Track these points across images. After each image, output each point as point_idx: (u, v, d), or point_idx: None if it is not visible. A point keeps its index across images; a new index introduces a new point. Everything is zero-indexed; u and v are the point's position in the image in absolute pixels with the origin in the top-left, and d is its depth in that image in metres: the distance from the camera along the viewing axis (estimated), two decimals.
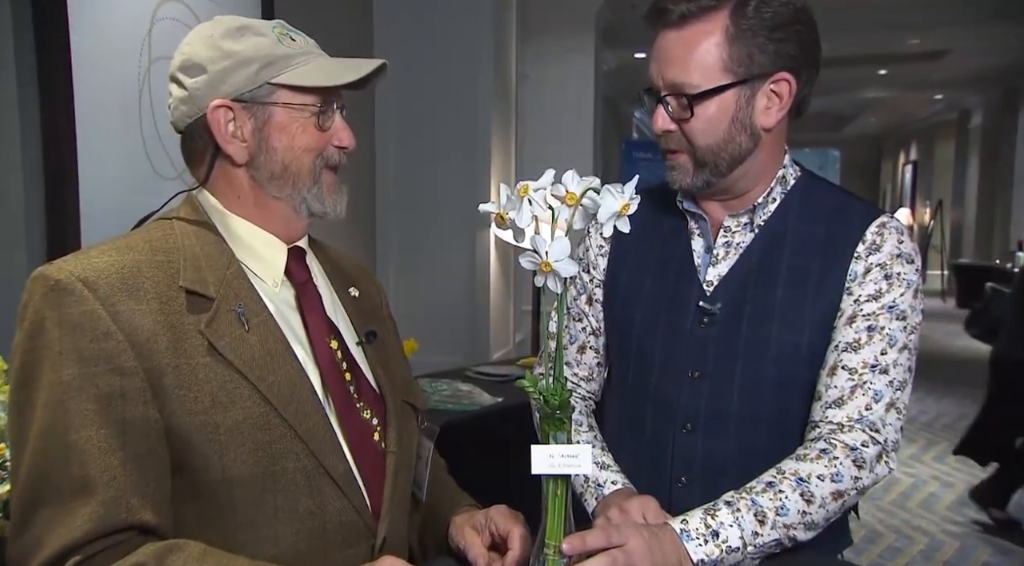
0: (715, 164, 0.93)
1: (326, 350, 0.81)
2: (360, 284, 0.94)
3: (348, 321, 0.88)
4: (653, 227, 1.04)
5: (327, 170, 0.81)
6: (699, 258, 1.00)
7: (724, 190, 0.97)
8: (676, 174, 0.95)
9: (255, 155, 0.79)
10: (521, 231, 0.69)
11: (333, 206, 0.82)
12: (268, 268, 0.81)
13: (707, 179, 0.94)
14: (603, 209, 0.67)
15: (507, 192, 0.68)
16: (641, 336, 1.01)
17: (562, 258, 0.67)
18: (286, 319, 0.80)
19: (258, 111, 0.78)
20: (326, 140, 0.80)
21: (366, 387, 0.84)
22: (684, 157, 0.94)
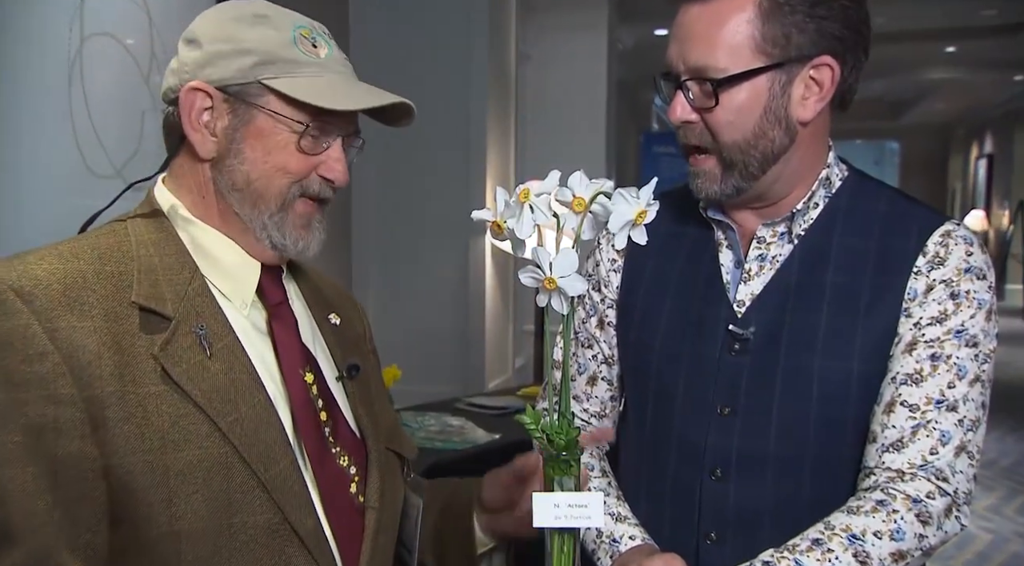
0: (744, 164, 0.94)
1: (300, 384, 0.81)
2: (342, 311, 0.95)
3: (327, 352, 0.89)
4: (674, 238, 1.06)
5: (303, 200, 0.82)
6: (728, 274, 1.01)
7: (757, 196, 0.99)
8: (701, 182, 0.96)
9: (223, 155, 0.80)
10: (521, 242, 0.71)
11: (295, 243, 0.81)
12: (237, 286, 0.81)
13: (737, 184, 0.95)
14: (615, 217, 0.68)
15: (505, 197, 0.70)
16: (661, 366, 1.02)
17: (569, 274, 0.68)
18: (255, 346, 0.80)
19: (240, 109, 0.79)
20: (309, 166, 0.81)
21: (344, 430, 0.85)
22: (711, 162, 0.95)
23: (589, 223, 0.70)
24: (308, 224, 0.82)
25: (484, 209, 0.71)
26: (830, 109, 0.96)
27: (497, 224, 0.70)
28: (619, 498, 1.03)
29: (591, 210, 0.70)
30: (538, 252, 0.68)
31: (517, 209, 0.69)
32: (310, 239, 0.83)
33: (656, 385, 1.02)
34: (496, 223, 0.70)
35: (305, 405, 0.81)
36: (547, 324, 0.74)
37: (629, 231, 0.70)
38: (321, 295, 0.93)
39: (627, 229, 0.69)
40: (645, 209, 0.69)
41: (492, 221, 0.70)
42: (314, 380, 0.82)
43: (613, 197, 0.69)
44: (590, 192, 0.69)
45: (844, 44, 0.92)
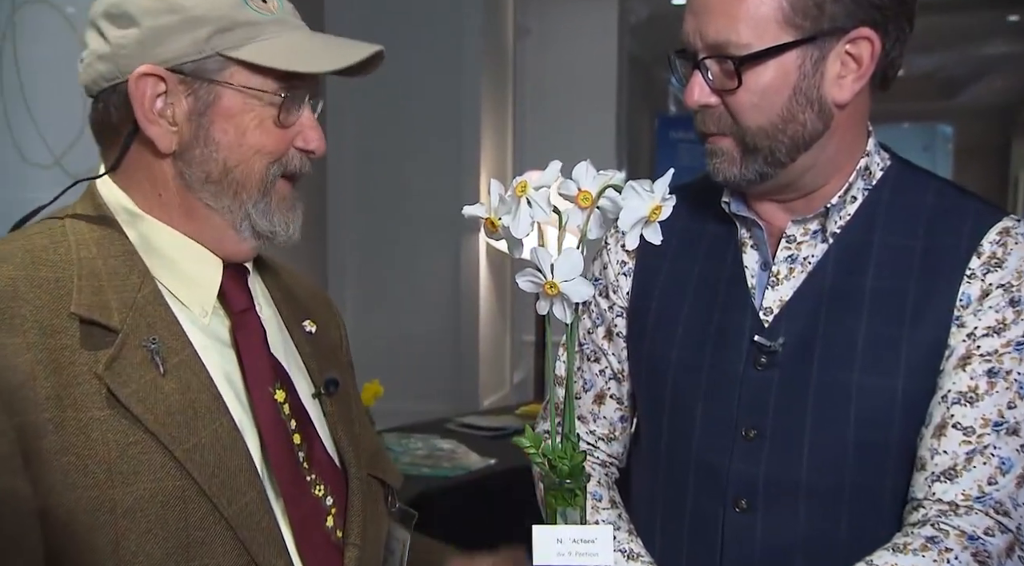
0: (770, 151, 0.94)
1: (269, 403, 0.81)
2: (317, 316, 0.95)
3: (301, 365, 0.89)
4: (692, 237, 1.06)
5: (283, 180, 0.82)
6: (754, 277, 1.02)
7: (784, 186, 0.99)
8: (718, 162, 0.97)
9: (188, 146, 0.79)
10: (518, 242, 0.71)
11: (285, 226, 0.83)
12: (195, 290, 0.81)
13: (760, 169, 0.95)
14: (626, 213, 0.68)
15: (500, 190, 0.70)
16: (677, 382, 1.02)
17: (572, 277, 0.68)
18: (217, 360, 0.80)
19: (201, 89, 0.78)
20: (287, 141, 0.81)
21: (321, 455, 0.85)
22: (728, 141, 0.95)
23: (596, 220, 0.70)
24: (292, 205, 0.83)
25: (477, 204, 0.71)
26: (870, 89, 0.96)
27: (491, 221, 0.70)
28: (631, 532, 1.03)
29: (598, 205, 0.70)
30: (538, 253, 0.68)
31: (514, 204, 0.69)
32: (297, 220, 0.84)
33: (672, 404, 1.02)
34: (490, 220, 0.70)
35: (275, 427, 0.80)
36: (549, 334, 0.74)
37: (641, 229, 0.70)
38: (293, 298, 0.93)
39: (639, 227, 0.70)
40: (660, 204, 0.69)
41: (486, 218, 0.70)
42: (286, 398, 0.82)
43: (624, 190, 0.69)
44: (597, 185, 0.70)
45: (885, 14, 0.92)
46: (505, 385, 4.08)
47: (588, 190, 0.69)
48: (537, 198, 0.69)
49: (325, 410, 0.88)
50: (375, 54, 0.81)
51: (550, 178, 0.70)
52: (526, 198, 0.69)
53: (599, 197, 0.70)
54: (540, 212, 0.69)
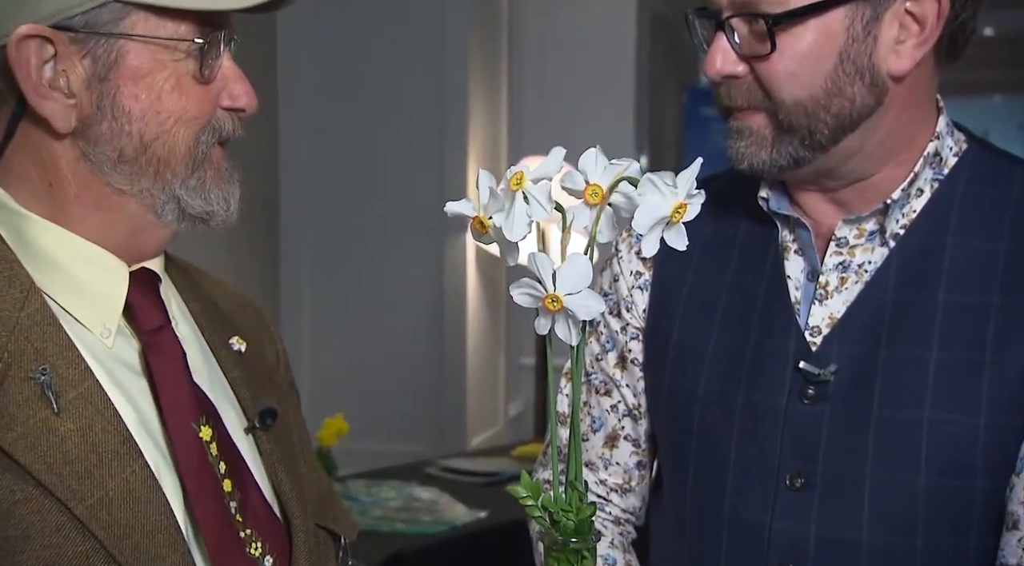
0: (809, 131, 0.95)
1: (192, 443, 0.81)
2: (246, 330, 0.95)
3: (230, 393, 0.90)
4: (723, 241, 1.06)
5: (216, 148, 0.83)
6: (798, 290, 1.02)
7: (823, 173, 0.99)
8: (744, 144, 0.97)
9: (91, 121, 0.79)
10: (513, 246, 0.71)
11: (224, 202, 0.83)
12: (95, 306, 0.81)
13: (795, 153, 0.96)
14: (643, 212, 0.68)
15: (491, 182, 0.70)
16: (706, 420, 1.02)
17: (579, 289, 0.68)
18: (125, 392, 0.80)
19: (99, 48, 0.78)
20: (212, 100, 0.82)
21: (257, 504, 0.85)
22: (760, 118, 0.96)
23: (607, 220, 0.71)
24: (230, 176, 0.84)
25: (463, 199, 0.72)
26: (935, 58, 0.96)
27: (480, 220, 0.70)
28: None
29: (610, 202, 0.70)
30: (536, 259, 0.68)
31: (507, 200, 0.69)
32: (236, 194, 0.85)
33: (699, 447, 1.03)
34: (479, 219, 0.70)
35: (201, 473, 0.81)
36: (550, 358, 0.74)
37: (662, 232, 0.70)
38: (216, 310, 0.94)
39: (659, 230, 0.69)
40: (685, 202, 0.69)
41: (473, 216, 0.70)
42: (213, 435, 0.83)
43: (641, 184, 0.69)
44: (609, 177, 0.70)
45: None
46: (498, 420, 4.08)
47: (598, 183, 0.69)
48: (536, 193, 0.69)
49: (261, 447, 0.89)
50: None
51: (552, 168, 0.70)
52: (522, 192, 0.69)
53: (611, 192, 0.70)
54: (539, 210, 0.69)
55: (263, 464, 0.88)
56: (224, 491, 0.82)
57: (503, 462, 2.70)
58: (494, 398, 4.06)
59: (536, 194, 0.69)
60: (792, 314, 1.01)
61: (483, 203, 0.70)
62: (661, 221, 0.69)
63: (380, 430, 3.47)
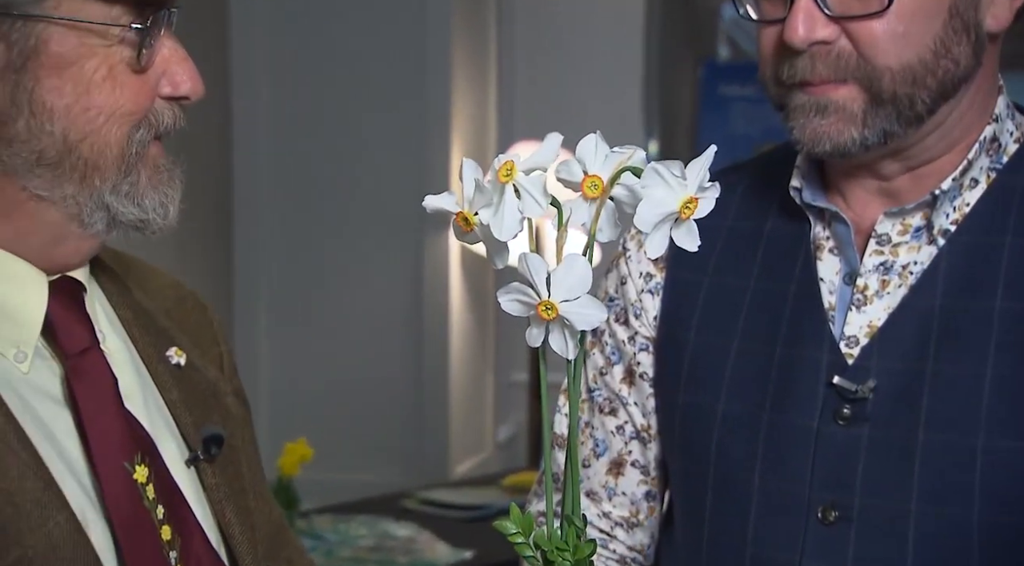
0: (910, 100, 0.95)
1: (125, 487, 0.80)
2: (187, 334, 0.95)
3: (168, 418, 0.89)
4: (746, 239, 1.07)
5: (154, 144, 0.82)
6: (833, 294, 1.03)
7: (900, 152, 0.99)
8: (827, 124, 0.96)
9: (3, 119, 0.78)
10: (503, 246, 0.71)
11: (161, 208, 0.82)
12: (8, 326, 0.80)
13: (888, 127, 0.96)
14: (647, 208, 0.69)
15: (476, 173, 0.71)
16: (726, 444, 1.03)
17: (577, 295, 0.69)
18: (46, 428, 0.79)
19: (14, 32, 0.77)
20: (150, 90, 0.81)
21: (200, 551, 0.84)
22: (850, 89, 0.96)
23: (608, 217, 0.71)
24: (170, 177, 0.83)
25: (444, 193, 0.72)
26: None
27: (464, 217, 0.70)
28: None
29: (613, 196, 0.71)
30: (528, 261, 0.69)
31: (496, 194, 0.70)
32: (176, 197, 0.84)
33: (718, 475, 1.03)
34: (463, 216, 0.71)
35: (135, 521, 0.80)
36: (544, 374, 0.74)
37: (671, 230, 0.70)
38: (148, 316, 0.93)
39: (666, 227, 0.70)
40: (695, 196, 0.69)
41: (457, 212, 0.71)
42: (149, 475, 0.82)
43: (645, 174, 0.69)
44: (610, 167, 0.70)
45: None
46: (486, 445, 4.08)
47: (597, 174, 0.70)
48: (529, 185, 0.70)
49: (206, 482, 0.89)
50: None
51: (547, 157, 0.70)
52: (513, 185, 0.69)
53: (613, 184, 0.70)
54: (532, 205, 0.69)
55: (208, 501, 0.88)
56: (163, 541, 0.81)
57: (492, 493, 2.69)
58: (481, 420, 4.06)
59: (529, 187, 0.69)
60: (825, 322, 1.01)
61: (467, 197, 0.70)
62: (668, 218, 0.69)
63: (349, 457, 3.46)
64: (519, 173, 0.70)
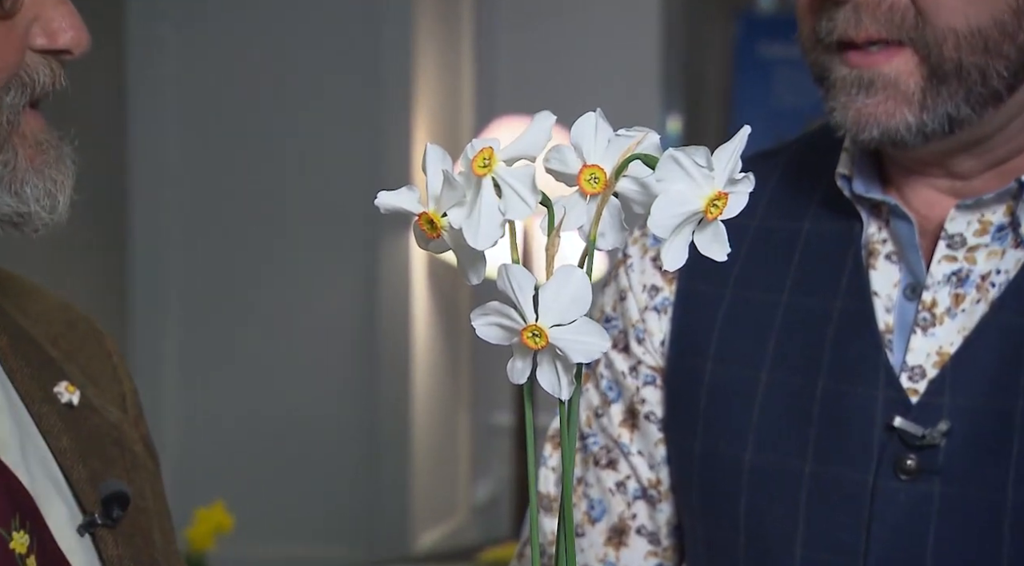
0: (982, 75, 0.96)
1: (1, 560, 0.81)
2: (79, 367, 0.96)
3: (56, 474, 0.90)
4: (779, 242, 1.09)
5: (31, 113, 0.83)
6: (890, 311, 1.05)
7: (977, 143, 1.00)
8: (874, 103, 0.98)
9: None
10: (478, 256, 0.72)
11: (45, 197, 0.82)
12: None
13: (955, 111, 0.97)
14: (662, 207, 0.69)
15: (444, 163, 0.71)
16: (756, 504, 1.03)
17: (571, 318, 0.69)
18: None
19: None
20: (17, 41, 0.81)
21: None
22: (902, 59, 0.97)
23: (613, 218, 0.72)
24: (57, 156, 0.83)
25: (404, 189, 0.73)
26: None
27: (429, 219, 0.71)
28: None
29: (618, 191, 0.71)
30: (510, 275, 0.69)
31: (470, 189, 0.70)
32: (67, 180, 0.83)
33: (749, 544, 1.04)
34: (428, 217, 0.71)
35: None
36: (530, 417, 0.74)
37: (691, 235, 0.71)
38: (34, 346, 0.94)
39: (687, 231, 0.70)
40: (725, 191, 0.69)
41: (419, 213, 0.71)
42: (31, 543, 0.83)
43: (660, 165, 0.69)
44: (616, 154, 0.71)
45: None
46: (458, 508, 4.08)
47: (599, 165, 0.70)
48: (512, 179, 0.70)
49: (105, 553, 0.89)
50: None
51: (536, 142, 0.71)
52: (492, 178, 0.70)
53: (618, 176, 0.71)
54: (517, 204, 0.70)
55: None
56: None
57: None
58: (452, 475, 4.06)
59: (512, 181, 0.70)
60: (880, 348, 1.02)
61: (433, 193, 0.71)
62: (690, 219, 0.69)
63: (280, 526, 3.45)
64: (499, 163, 0.70)
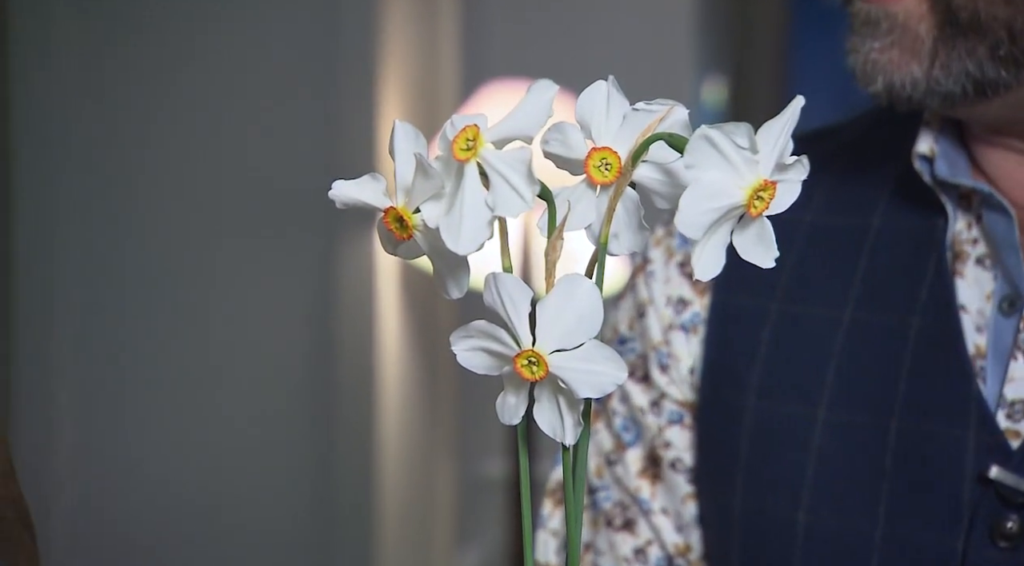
0: (1009, 29, 0.98)
1: None
2: None
3: None
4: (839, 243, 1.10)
5: None
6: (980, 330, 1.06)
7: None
8: (880, 49, 1.00)
9: None
10: (460, 264, 0.73)
11: None
12: None
13: (978, 70, 0.99)
14: (693, 200, 0.69)
15: (417, 144, 0.72)
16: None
17: (577, 342, 0.70)
18: None
19: None
20: None
21: None
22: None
23: (630, 214, 0.72)
24: None
25: (366, 177, 0.73)
26: None
27: (398, 216, 0.72)
28: None
29: (636, 181, 0.72)
30: (500, 286, 0.70)
31: (450, 178, 0.71)
32: None
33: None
34: (396, 213, 0.72)
35: None
36: (525, 466, 0.75)
37: (729, 235, 0.71)
38: None
39: (725, 231, 0.71)
40: (772, 180, 0.70)
41: (386, 208, 0.72)
42: None
43: (692, 145, 0.70)
44: (634, 133, 0.71)
45: None
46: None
47: (611, 147, 0.71)
48: (503, 165, 0.71)
49: None
50: None
51: (533, 118, 0.72)
52: (477, 164, 0.70)
53: (636, 162, 0.71)
54: (509, 196, 0.71)
55: None
56: None
57: None
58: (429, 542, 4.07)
59: (503, 168, 0.70)
60: (970, 378, 1.03)
61: (403, 184, 0.71)
62: (728, 215, 0.70)
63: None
64: (487, 145, 0.71)
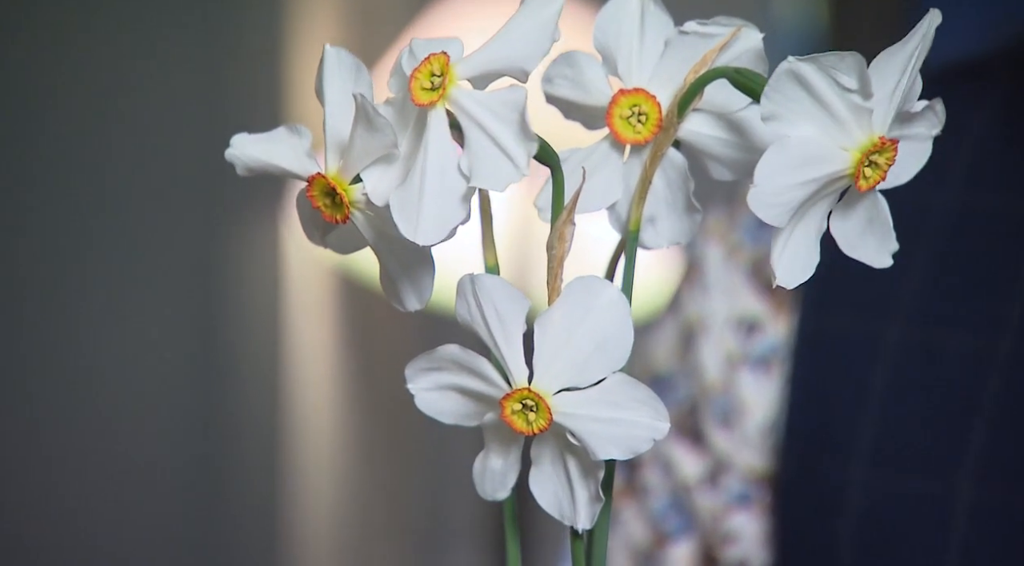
0: None
1: None
2: None
3: None
4: (1000, 237, 1.13)
5: None
6: None
7: None
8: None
9: None
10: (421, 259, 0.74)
11: None
12: None
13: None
14: (771, 166, 0.69)
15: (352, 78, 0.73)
16: None
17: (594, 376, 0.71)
18: None
19: None
20: None
21: None
22: None
23: (673, 188, 0.74)
24: None
25: (280, 129, 0.75)
26: None
27: (328, 187, 0.73)
28: None
29: (682, 138, 0.74)
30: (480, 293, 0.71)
31: (405, 129, 0.73)
32: None
33: None
34: (324, 183, 0.73)
35: None
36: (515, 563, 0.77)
37: (826, 221, 0.72)
38: None
39: (819, 213, 0.72)
40: (889, 138, 0.70)
41: (310, 178, 0.73)
42: None
43: (772, 83, 0.70)
44: (680, 69, 0.73)
45: None
46: None
47: (645, 89, 0.73)
48: (485, 113, 0.72)
49: None
50: None
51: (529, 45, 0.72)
52: (446, 110, 0.72)
53: (684, 111, 0.73)
54: (493, 159, 0.71)
55: None
56: None
57: None
58: None
59: (486, 116, 0.72)
60: None
61: (336, 139, 0.73)
62: (825, 190, 0.71)
63: None
64: (461, 82, 0.72)
